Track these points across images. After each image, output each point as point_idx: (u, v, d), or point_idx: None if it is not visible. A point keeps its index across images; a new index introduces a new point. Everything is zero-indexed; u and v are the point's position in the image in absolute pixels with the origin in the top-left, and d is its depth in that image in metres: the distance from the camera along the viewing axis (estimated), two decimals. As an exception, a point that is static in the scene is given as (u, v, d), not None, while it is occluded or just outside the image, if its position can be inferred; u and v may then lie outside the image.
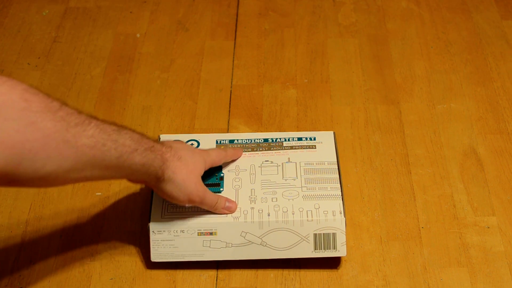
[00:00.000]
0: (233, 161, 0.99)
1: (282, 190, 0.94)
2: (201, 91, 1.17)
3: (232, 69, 1.21)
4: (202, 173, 0.90)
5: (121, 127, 0.81)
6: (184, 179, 0.86)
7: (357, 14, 1.31)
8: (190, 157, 0.88)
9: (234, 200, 0.93)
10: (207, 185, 0.95)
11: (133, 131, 0.83)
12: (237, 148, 0.99)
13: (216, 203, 0.91)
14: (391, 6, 1.33)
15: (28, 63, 1.22)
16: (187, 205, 0.89)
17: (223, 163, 0.98)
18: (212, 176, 0.97)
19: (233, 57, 1.23)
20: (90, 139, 0.76)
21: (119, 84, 1.18)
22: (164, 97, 1.16)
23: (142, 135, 0.84)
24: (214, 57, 1.23)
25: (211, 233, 0.91)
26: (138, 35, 1.27)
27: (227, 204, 0.92)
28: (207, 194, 0.90)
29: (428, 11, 1.32)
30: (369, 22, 1.30)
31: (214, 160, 0.93)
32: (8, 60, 1.22)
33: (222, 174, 0.97)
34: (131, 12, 1.32)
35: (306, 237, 0.91)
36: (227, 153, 0.97)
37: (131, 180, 0.87)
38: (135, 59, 1.22)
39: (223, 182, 0.96)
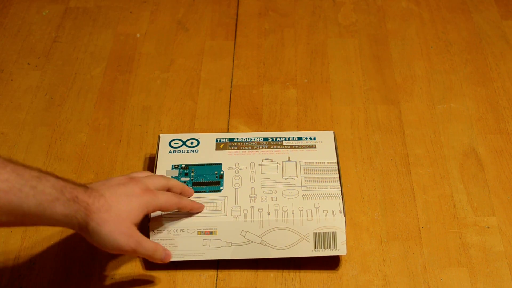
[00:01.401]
0: (231, 162, 0.99)
1: (282, 189, 0.94)
2: (201, 91, 1.17)
3: (232, 69, 1.21)
4: (139, 219, 0.84)
5: (46, 174, 0.78)
6: (111, 231, 0.81)
7: (357, 14, 1.31)
8: (125, 204, 0.82)
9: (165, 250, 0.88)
10: (207, 184, 0.96)
11: (59, 179, 0.79)
12: (196, 202, 0.93)
13: (154, 252, 0.86)
14: (391, 6, 1.33)
15: (28, 63, 1.22)
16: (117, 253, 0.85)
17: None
18: (212, 174, 0.97)
19: (233, 57, 1.23)
20: (4, 183, 0.74)
21: (119, 84, 1.18)
22: (164, 97, 1.16)
23: (68, 183, 0.79)
24: (214, 57, 1.23)
25: (211, 232, 0.91)
26: (138, 35, 1.27)
27: (165, 253, 0.88)
28: (142, 244, 0.84)
29: (428, 11, 1.32)
30: (369, 22, 1.30)
31: (162, 205, 0.87)
32: (8, 60, 1.22)
33: (222, 172, 0.97)
34: (131, 12, 1.32)
35: (306, 236, 0.91)
36: (181, 203, 0.89)
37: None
38: (135, 59, 1.22)
39: (222, 180, 0.96)
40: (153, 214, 0.92)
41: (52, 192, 0.77)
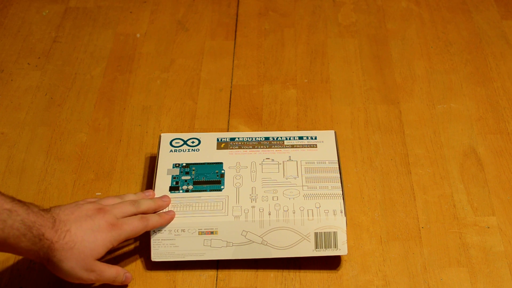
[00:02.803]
0: (232, 161, 0.99)
1: (283, 189, 0.94)
2: (201, 91, 1.17)
3: (232, 69, 1.21)
4: (102, 254, 0.85)
5: (17, 207, 0.80)
6: (73, 267, 0.82)
7: (357, 14, 1.31)
8: (90, 241, 0.83)
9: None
10: (208, 182, 0.96)
11: (29, 213, 0.80)
12: (164, 215, 0.92)
13: (116, 278, 0.87)
14: (391, 6, 1.33)
15: (28, 63, 1.22)
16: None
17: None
18: (213, 173, 0.97)
19: (233, 57, 1.23)
20: None
21: (119, 84, 1.18)
22: (164, 97, 1.16)
23: (38, 219, 0.81)
24: (214, 57, 1.23)
25: (211, 232, 0.91)
26: (138, 35, 1.27)
27: (125, 276, 0.89)
28: (103, 275, 0.85)
29: (428, 11, 1.32)
30: (369, 22, 1.30)
31: (128, 235, 0.87)
32: (8, 60, 1.22)
33: (223, 171, 0.97)
34: (131, 12, 1.32)
35: (307, 236, 0.91)
36: (148, 225, 0.89)
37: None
38: (135, 59, 1.22)
39: (223, 180, 0.96)
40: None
41: (20, 227, 0.79)
